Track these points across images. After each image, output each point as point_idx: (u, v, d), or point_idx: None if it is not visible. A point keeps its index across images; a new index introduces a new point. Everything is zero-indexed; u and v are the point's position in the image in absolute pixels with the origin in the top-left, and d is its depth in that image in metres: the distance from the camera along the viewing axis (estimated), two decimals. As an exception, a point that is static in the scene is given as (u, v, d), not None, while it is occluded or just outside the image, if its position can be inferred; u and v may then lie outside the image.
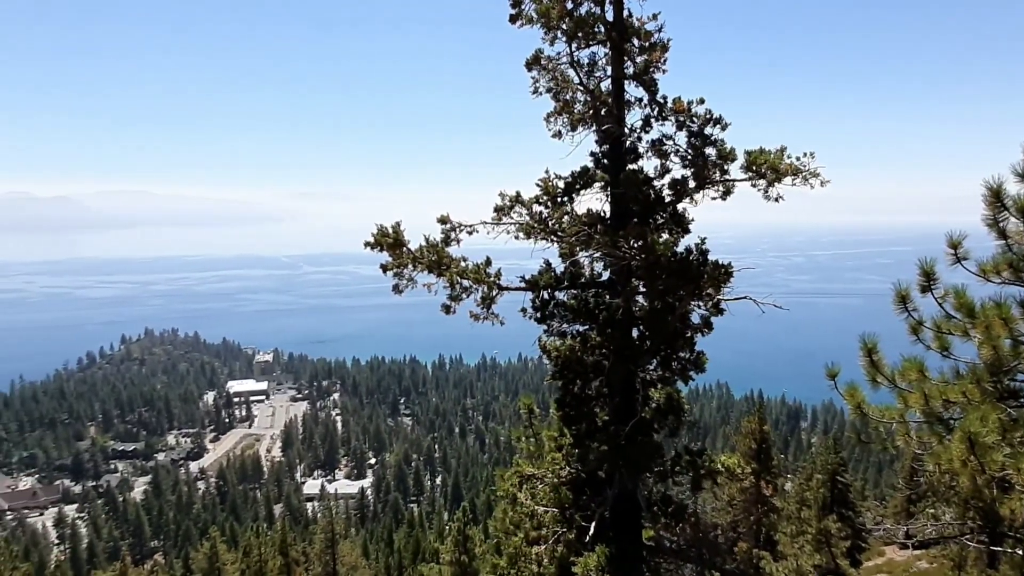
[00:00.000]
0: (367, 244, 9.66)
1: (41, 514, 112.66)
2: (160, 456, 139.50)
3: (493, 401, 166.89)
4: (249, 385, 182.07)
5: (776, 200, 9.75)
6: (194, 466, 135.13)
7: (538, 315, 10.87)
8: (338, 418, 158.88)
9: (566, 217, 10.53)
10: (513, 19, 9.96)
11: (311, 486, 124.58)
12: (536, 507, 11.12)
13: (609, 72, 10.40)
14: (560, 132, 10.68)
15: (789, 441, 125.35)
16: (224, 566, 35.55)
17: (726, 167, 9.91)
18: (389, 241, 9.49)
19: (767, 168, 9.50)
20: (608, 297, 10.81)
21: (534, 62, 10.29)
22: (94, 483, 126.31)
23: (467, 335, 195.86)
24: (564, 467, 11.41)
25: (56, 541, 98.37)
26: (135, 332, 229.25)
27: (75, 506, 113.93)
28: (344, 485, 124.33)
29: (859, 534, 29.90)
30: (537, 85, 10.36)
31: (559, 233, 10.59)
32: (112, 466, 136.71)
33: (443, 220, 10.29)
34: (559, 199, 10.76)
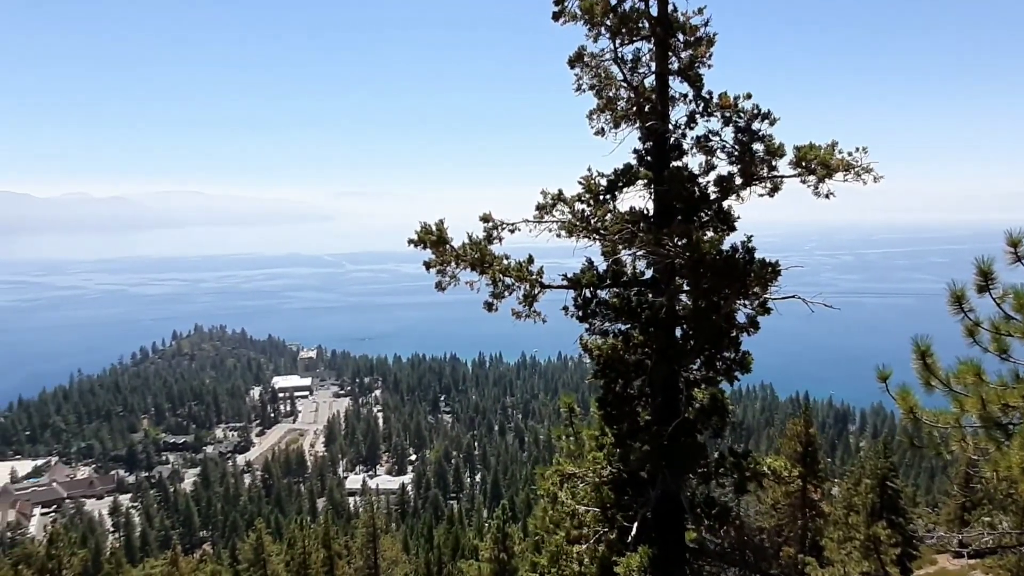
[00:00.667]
0: (410, 242, 9.73)
1: (99, 500, 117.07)
2: (208, 449, 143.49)
3: (532, 399, 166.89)
4: (293, 381, 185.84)
5: (827, 197, 9.50)
6: (241, 459, 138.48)
7: (580, 313, 10.82)
8: (379, 414, 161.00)
9: (609, 215, 10.44)
10: (556, 16, 9.92)
11: (353, 481, 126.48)
12: (577, 506, 11.07)
13: (653, 68, 10.28)
14: (603, 129, 10.61)
15: (836, 444, 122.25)
16: (269, 557, 36.30)
17: (774, 163, 9.70)
18: (432, 239, 9.55)
19: (818, 164, 9.26)
20: (651, 296, 10.70)
21: (577, 59, 10.23)
22: (147, 474, 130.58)
23: (507, 333, 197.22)
24: (605, 467, 11.33)
25: (111, 529, 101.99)
26: (185, 328, 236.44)
27: (129, 495, 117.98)
28: (385, 480, 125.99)
29: (910, 541, 28.98)
30: (580, 82, 10.30)
31: (601, 231, 10.50)
32: (164, 458, 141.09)
33: (485, 218, 10.30)
34: (601, 197, 10.67)
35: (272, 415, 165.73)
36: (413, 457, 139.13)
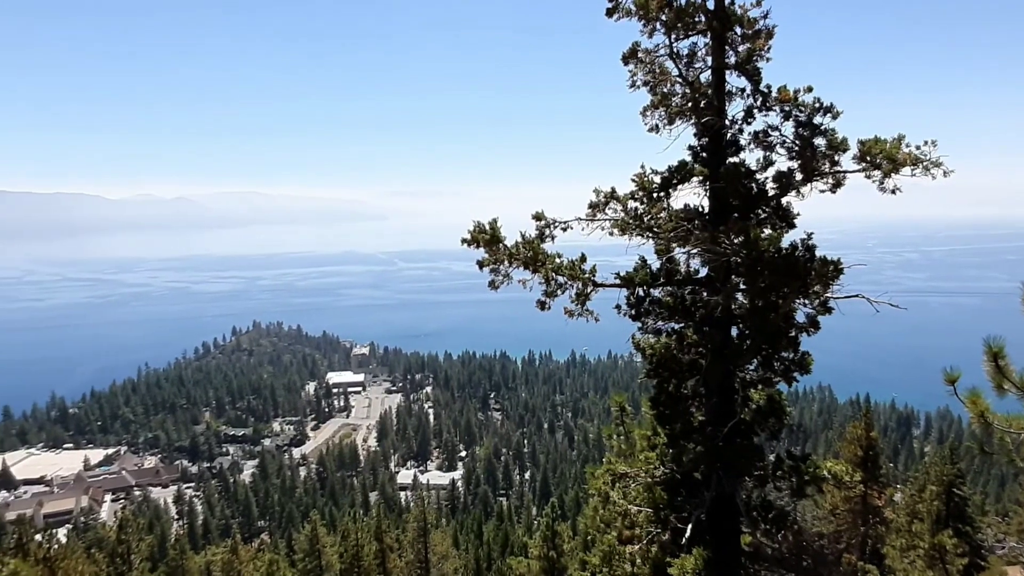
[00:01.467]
0: (464, 241, 9.79)
1: (164, 489, 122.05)
2: (266, 442, 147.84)
3: (582, 398, 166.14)
4: (347, 377, 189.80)
5: (893, 192, 9.15)
6: (296, 452, 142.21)
7: (632, 312, 10.72)
8: (430, 411, 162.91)
9: (662, 213, 10.31)
10: (610, 12, 9.83)
11: (404, 476, 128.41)
12: (629, 506, 10.97)
13: (709, 63, 10.09)
14: (657, 126, 10.47)
15: (899, 449, 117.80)
16: (324, 548, 37.12)
17: (837, 158, 9.39)
18: (486, 237, 9.59)
19: (883, 158, 8.93)
20: (705, 294, 10.52)
21: (631, 56, 10.12)
22: (208, 464, 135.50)
23: (557, 331, 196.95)
24: (658, 467, 11.20)
25: (176, 516, 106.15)
26: (245, 324, 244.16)
27: (192, 485, 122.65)
28: (435, 476, 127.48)
29: (978, 552, 27.70)
30: (634, 79, 10.18)
31: (655, 229, 10.39)
32: (224, 449, 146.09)
33: (538, 217, 10.30)
34: (655, 194, 10.55)
35: (326, 410, 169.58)
36: (463, 453, 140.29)
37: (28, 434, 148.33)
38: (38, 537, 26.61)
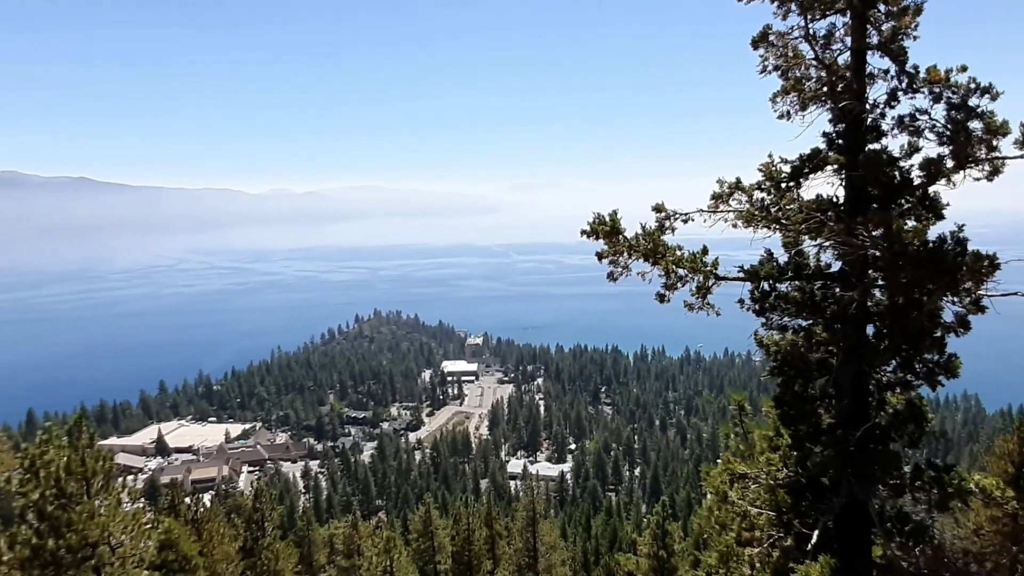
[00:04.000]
0: (583, 232, 9.78)
1: (293, 464, 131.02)
2: (384, 425, 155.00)
3: (696, 396, 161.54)
4: (461, 366, 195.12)
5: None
6: (412, 437, 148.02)
7: (757, 307, 10.28)
8: (541, 402, 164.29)
9: (792, 203, 9.82)
10: (740, -7, 9.47)
11: (514, 465, 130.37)
12: (749, 507, 10.59)
13: (848, 43, 9.47)
14: (788, 112, 9.96)
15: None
16: (436, 531, 38.38)
17: (995, 143, 8.53)
18: (606, 229, 9.53)
19: (1052, 144, 8.03)
20: (838, 290, 9.92)
21: (761, 39, 9.68)
22: (332, 444, 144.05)
23: (670, 327, 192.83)
24: (781, 469, 10.71)
25: (303, 490, 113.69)
26: (366, 313, 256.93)
27: (317, 462, 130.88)
28: (545, 467, 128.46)
29: None
30: (765, 64, 9.72)
31: (783, 221, 9.89)
32: (347, 430, 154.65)
33: (658, 208, 10.11)
34: (784, 184, 10.06)
35: (441, 397, 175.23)
36: (572, 446, 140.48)
37: (179, 407, 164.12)
38: (187, 500, 29.44)
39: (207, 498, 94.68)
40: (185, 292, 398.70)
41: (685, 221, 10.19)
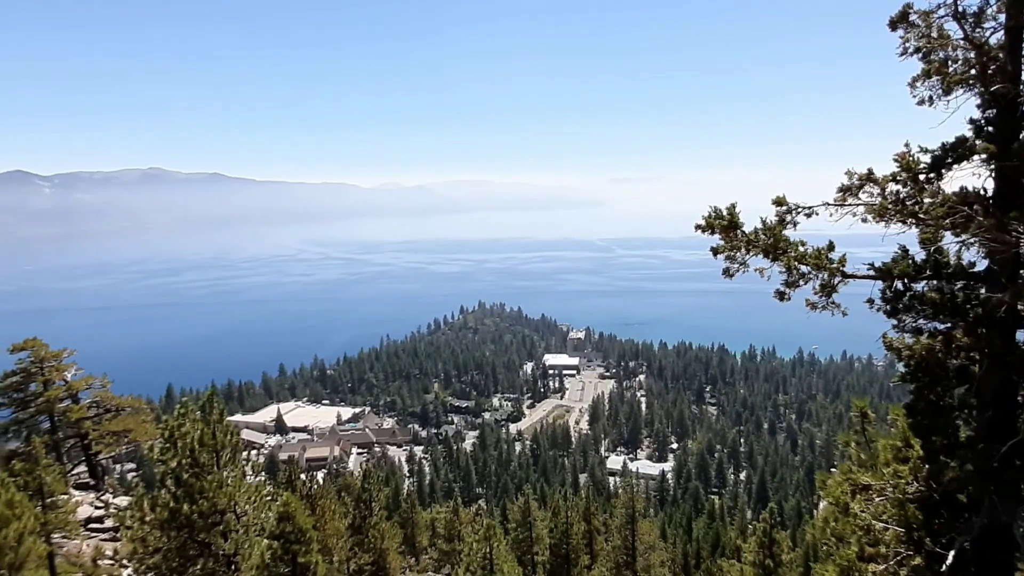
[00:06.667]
0: (698, 226, 9.48)
1: (398, 449, 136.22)
2: (486, 415, 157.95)
3: (809, 400, 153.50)
4: (562, 359, 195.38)
5: None
6: (513, 428, 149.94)
7: (888, 308, 9.58)
8: (642, 399, 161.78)
9: (932, 197, 9.07)
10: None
11: (614, 461, 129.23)
12: (874, 522, 9.92)
13: (1002, 21, 8.62)
14: (929, 98, 9.18)
15: None
16: (535, 522, 38.69)
17: None
18: (723, 223, 9.19)
19: None
20: (984, 291, 9.08)
21: (901, 19, 8.97)
22: (436, 430, 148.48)
23: (780, 327, 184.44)
24: (911, 482, 9.97)
25: (407, 474, 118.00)
26: (471, 304, 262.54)
27: (421, 448, 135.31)
28: (645, 465, 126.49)
29: None
30: (905, 45, 9.00)
31: (920, 215, 9.16)
32: (450, 418, 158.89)
33: (779, 202, 9.63)
34: (922, 176, 9.30)
35: (542, 390, 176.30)
36: (674, 445, 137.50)
37: (296, 389, 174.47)
38: (303, 477, 31.29)
39: (320, 476, 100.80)
40: (303, 281, 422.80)
41: (808, 215, 9.68)
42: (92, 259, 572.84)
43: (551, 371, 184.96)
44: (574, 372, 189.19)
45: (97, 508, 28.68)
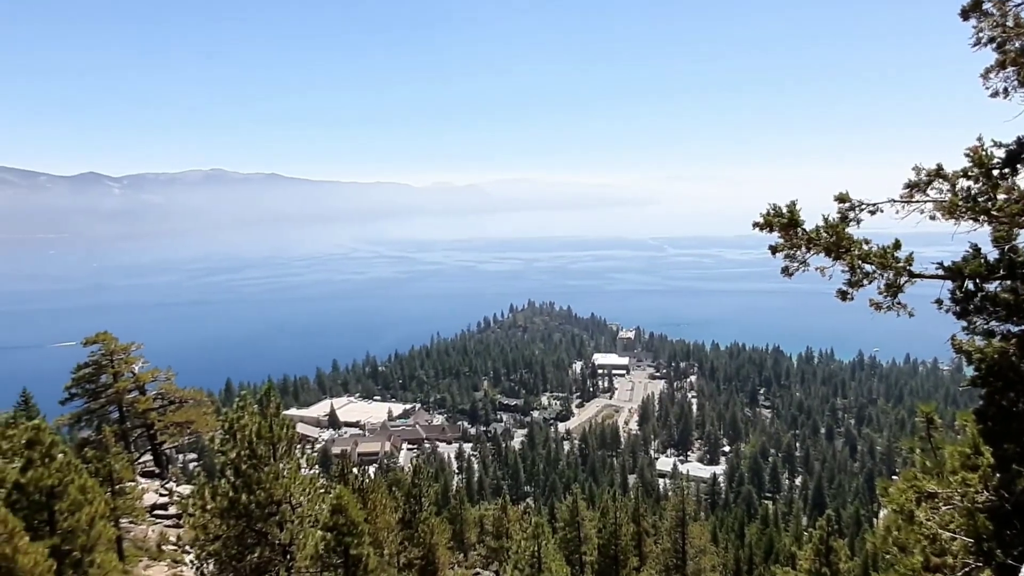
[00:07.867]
0: (756, 224, 9.30)
1: (448, 445, 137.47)
2: (535, 413, 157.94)
3: (869, 404, 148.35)
4: (612, 359, 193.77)
5: None
6: (562, 427, 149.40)
7: (958, 309, 9.23)
8: (694, 400, 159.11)
9: (1007, 193, 8.68)
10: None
11: (663, 463, 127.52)
12: (940, 531, 9.55)
13: (1085, 7, 8.19)
14: (1004, 89, 8.79)
15: None
16: (583, 521, 38.51)
17: None
18: (782, 221, 8.99)
19: None
20: (1062, 292, 8.65)
21: (973, 8, 8.61)
22: (485, 428, 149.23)
23: (838, 329, 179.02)
24: (981, 491, 9.57)
25: (456, 471, 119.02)
26: (520, 303, 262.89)
27: (470, 445, 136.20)
28: (696, 468, 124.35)
29: None
30: (979, 35, 8.64)
31: (994, 212, 8.80)
32: (499, 416, 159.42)
33: (841, 199, 9.38)
34: (996, 172, 8.92)
35: (591, 389, 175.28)
36: (726, 448, 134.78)
37: (348, 384, 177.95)
38: (355, 471, 31.93)
39: (372, 470, 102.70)
40: (356, 279, 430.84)
41: (872, 212, 9.42)
42: (157, 257, 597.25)
43: (600, 371, 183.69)
44: (623, 372, 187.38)
45: (161, 495, 29.95)
